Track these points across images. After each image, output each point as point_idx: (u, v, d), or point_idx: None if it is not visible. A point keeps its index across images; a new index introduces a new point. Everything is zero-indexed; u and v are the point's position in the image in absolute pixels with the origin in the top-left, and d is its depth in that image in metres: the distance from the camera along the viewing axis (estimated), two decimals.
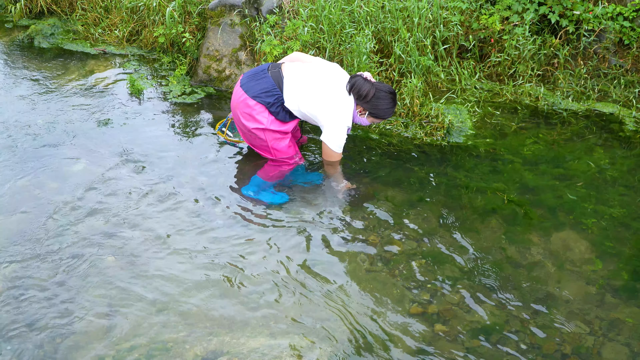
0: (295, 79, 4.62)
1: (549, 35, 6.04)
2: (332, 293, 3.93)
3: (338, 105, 4.58)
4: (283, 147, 4.82)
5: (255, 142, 4.84)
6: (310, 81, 4.62)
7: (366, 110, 4.65)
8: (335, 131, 4.62)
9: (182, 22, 6.57)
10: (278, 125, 4.70)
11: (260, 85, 4.64)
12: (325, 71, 4.69)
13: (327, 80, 4.63)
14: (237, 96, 4.72)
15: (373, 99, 4.58)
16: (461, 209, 4.60)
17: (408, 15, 5.94)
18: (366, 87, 4.54)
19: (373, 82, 4.60)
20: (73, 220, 4.42)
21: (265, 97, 4.61)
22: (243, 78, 4.75)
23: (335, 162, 4.80)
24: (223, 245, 4.28)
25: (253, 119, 4.67)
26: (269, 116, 4.65)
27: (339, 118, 4.58)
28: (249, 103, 4.64)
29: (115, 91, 6.12)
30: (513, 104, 5.79)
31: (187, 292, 3.91)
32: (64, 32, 7.20)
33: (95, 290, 3.91)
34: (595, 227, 4.42)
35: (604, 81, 5.94)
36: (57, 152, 5.14)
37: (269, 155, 4.88)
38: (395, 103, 4.67)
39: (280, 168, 4.90)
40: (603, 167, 5.02)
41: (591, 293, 3.94)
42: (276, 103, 4.61)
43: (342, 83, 4.64)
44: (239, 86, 4.73)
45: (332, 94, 4.59)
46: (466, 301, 3.88)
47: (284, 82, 4.62)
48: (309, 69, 4.70)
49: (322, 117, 4.61)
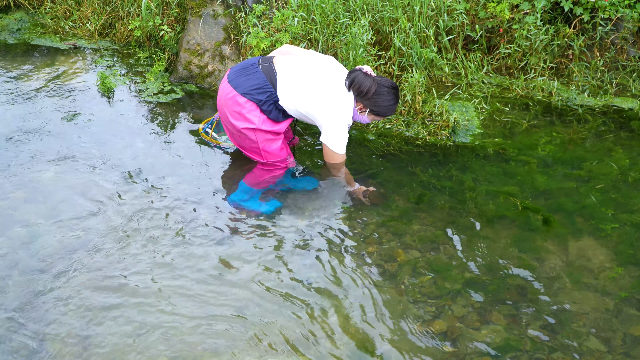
0: (290, 75, 4.58)
1: (562, 24, 6.03)
2: (329, 309, 3.89)
3: (338, 103, 4.54)
4: (275, 149, 4.77)
5: (244, 144, 4.80)
6: (306, 77, 4.58)
7: (367, 108, 4.61)
8: (336, 131, 4.58)
9: (159, 14, 6.54)
10: (270, 125, 4.66)
11: (251, 81, 4.59)
12: (321, 65, 4.66)
13: (324, 76, 4.59)
14: (225, 93, 4.67)
15: (374, 95, 4.54)
16: (468, 215, 4.57)
17: (408, 3, 5.92)
18: (367, 83, 4.49)
19: (374, 76, 4.56)
20: (42, 232, 4.37)
21: (256, 94, 4.56)
22: (231, 73, 4.70)
23: (339, 165, 4.75)
24: (207, 259, 4.24)
25: (243, 117, 4.62)
26: (261, 115, 4.61)
27: (339, 117, 4.55)
28: (239, 100, 4.59)
29: (86, 89, 6.08)
30: (524, 99, 5.77)
31: (167, 309, 3.87)
32: (31, 27, 7.17)
33: (68, 309, 3.85)
34: (615, 234, 4.39)
35: (623, 74, 5.92)
36: (23, 157, 5.09)
37: (260, 158, 4.83)
38: (398, 99, 4.64)
39: (272, 172, 4.86)
40: (623, 168, 5.00)
41: (610, 307, 3.91)
42: (269, 101, 4.57)
43: (340, 78, 4.60)
44: (226, 82, 4.68)
45: (330, 91, 4.55)
46: (475, 316, 3.85)
47: (277, 78, 4.57)
48: (303, 63, 4.66)
49: (320, 117, 4.57)
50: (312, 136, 5.39)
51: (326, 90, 4.55)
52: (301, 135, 5.40)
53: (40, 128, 5.47)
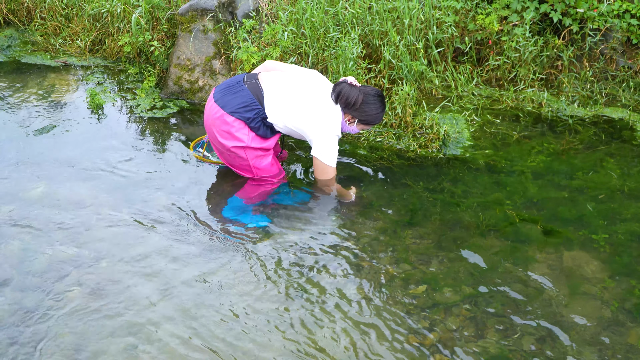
0: (277, 91, 4.59)
1: (551, 35, 6.06)
2: (322, 323, 3.87)
3: (326, 116, 4.56)
4: (265, 165, 4.78)
5: (234, 162, 4.80)
6: (293, 92, 4.59)
7: (355, 118, 4.63)
8: (326, 144, 4.59)
9: (149, 29, 6.54)
10: (259, 141, 4.66)
11: (238, 99, 4.60)
12: (307, 80, 4.67)
13: (310, 91, 4.61)
14: (212, 112, 4.67)
15: (362, 105, 4.56)
16: (461, 228, 4.57)
17: (398, 16, 5.94)
18: (354, 94, 4.52)
19: (359, 86, 4.59)
20: (35, 248, 4.35)
21: (244, 112, 4.57)
22: (216, 92, 4.70)
23: (331, 180, 4.75)
24: (200, 273, 4.22)
25: (232, 136, 4.63)
26: (250, 132, 4.61)
27: (329, 130, 4.56)
28: (227, 120, 4.60)
29: (77, 107, 6.08)
30: (514, 111, 5.79)
31: (161, 325, 3.85)
32: (21, 44, 7.16)
33: (60, 325, 3.83)
34: (609, 244, 4.40)
35: (612, 84, 5.95)
36: (14, 174, 5.08)
37: (250, 175, 4.84)
38: (384, 106, 4.67)
39: (263, 188, 4.86)
40: (615, 178, 5.01)
41: (605, 316, 3.91)
42: (256, 118, 4.58)
43: (326, 92, 4.62)
44: (213, 101, 4.68)
45: (318, 105, 4.57)
46: (469, 329, 3.84)
47: (264, 95, 4.59)
48: (288, 78, 4.67)
49: (310, 131, 4.58)
50: (304, 150, 5.40)
51: (314, 104, 4.57)
52: (293, 149, 5.41)
53: (28, 146, 5.45)
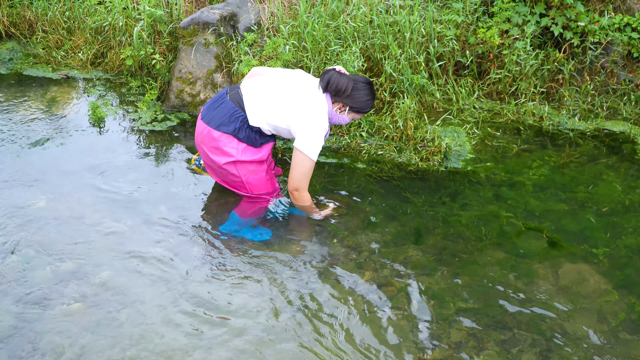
0: (255, 94, 4.56)
1: (552, 49, 6.08)
2: (323, 337, 3.87)
3: (310, 107, 4.50)
4: (259, 181, 4.76)
5: (228, 180, 4.78)
6: (273, 91, 4.56)
7: (346, 106, 4.60)
8: (310, 134, 4.48)
9: (151, 43, 6.57)
10: (251, 154, 4.63)
11: (221, 112, 4.58)
12: (288, 77, 4.65)
13: (292, 85, 4.58)
14: (200, 130, 4.66)
15: (353, 91, 4.54)
16: (462, 241, 4.58)
17: (399, 30, 5.96)
18: (344, 80, 4.49)
19: (348, 74, 4.58)
20: (35, 261, 4.36)
21: (228, 123, 4.54)
22: (203, 110, 4.70)
23: (305, 176, 4.53)
24: (201, 287, 4.22)
25: (221, 152, 4.61)
26: (239, 144, 4.58)
27: (313, 119, 4.49)
28: (214, 135, 4.58)
29: (78, 119, 6.09)
30: (515, 124, 5.80)
31: (164, 337, 3.84)
32: (23, 57, 7.19)
33: (60, 339, 3.84)
34: (610, 258, 4.40)
35: (613, 97, 5.97)
36: (15, 187, 5.09)
37: (245, 192, 4.82)
38: (374, 93, 4.65)
39: (259, 205, 4.84)
40: (616, 191, 5.02)
41: (606, 330, 3.91)
42: (242, 126, 4.55)
43: (310, 84, 4.59)
44: (200, 119, 4.67)
45: (301, 97, 4.52)
46: (471, 344, 3.84)
47: (244, 101, 4.56)
48: (268, 79, 4.65)
49: (294, 123, 4.50)
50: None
51: (297, 97, 4.52)
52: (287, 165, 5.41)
53: (29, 158, 5.47)
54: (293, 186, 4.56)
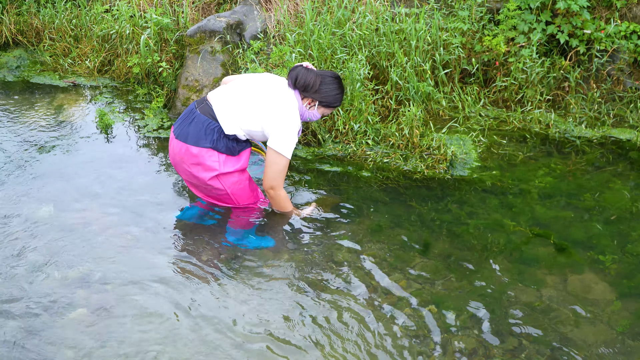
0: (225, 101, 4.55)
1: (558, 56, 6.08)
2: (329, 344, 3.87)
3: (281, 104, 4.51)
4: (243, 191, 4.73)
5: (212, 194, 4.74)
6: (241, 96, 4.56)
7: (315, 101, 4.61)
8: (282, 133, 4.47)
9: (158, 51, 6.60)
10: (232, 164, 4.59)
11: (196, 127, 4.53)
12: (254, 80, 4.67)
13: (259, 87, 4.59)
14: (177, 149, 4.60)
15: (321, 85, 4.57)
16: (468, 249, 4.57)
17: (405, 38, 5.97)
18: (311, 75, 4.52)
19: (315, 70, 4.61)
20: (42, 268, 4.37)
21: (206, 136, 4.50)
22: (175, 129, 4.63)
23: (280, 174, 4.55)
24: (207, 295, 4.22)
25: (204, 167, 4.56)
26: (219, 157, 4.53)
27: (286, 116, 4.49)
28: (193, 152, 4.52)
29: (85, 127, 6.11)
30: (521, 132, 5.80)
31: (168, 346, 3.85)
32: (31, 64, 7.23)
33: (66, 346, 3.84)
34: (617, 266, 4.39)
35: (620, 105, 5.96)
36: (21, 194, 5.11)
37: (232, 204, 4.79)
38: (343, 88, 4.68)
39: (248, 215, 4.85)
40: (623, 199, 5.01)
41: (612, 339, 3.89)
42: (220, 137, 4.51)
43: (278, 83, 4.61)
44: (174, 138, 4.61)
45: (270, 96, 4.53)
46: (477, 350, 3.83)
47: (215, 111, 4.53)
48: (234, 86, 4.65)
49: (267, 124, 4.49)
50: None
51: (265, 97, 4.53)
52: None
53: (37, 165, 5.49)
54: (268, 185, 4.59)
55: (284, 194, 4.67)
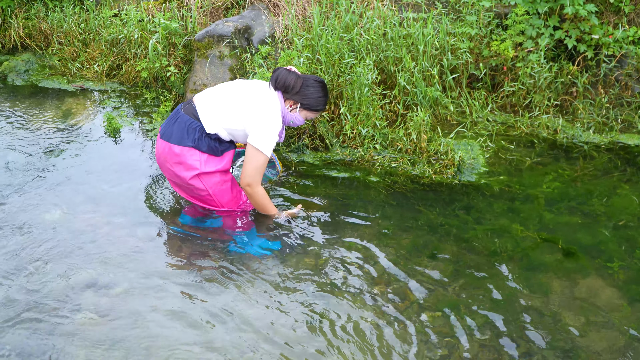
0: (208, 102, 4.61)
1: (566, 61, 6.08)
2: (337, 349, 3.87)
3: (262, 103, 4.55)
4: (226, 192, 4.75)
5: (194, 194, 4.76)
6: (225, 96, 4.61)
7: (297, 104, 4.64)
8: (262, 130, 4.50)
9: (166, 55, 6.61)
10: (214, 164, 4.62)
11: (179, 126, 4.59)
12: (237, 83, 4.72)
13: (242, 88, 4.64)
14: (161, 149, 4.66)
15: (302, 88, 4.60)
16: (476, 254, 4.57)
17: (412, 42, 5.98)
18: (292, 77, 4.56)
19: (298, 73, 4.64)
20: (50, 272, 4.38)
21: (188, 135, 4.55)
22: (161, 129, 4.71)
23: (257, 172, 4.57)
24: (214, 301, 4.23)
25: (185, 166, 4.60)
26: (201, 156, 4.58)
27: (266, 115, 4.52)
28: (175, 151, 4.57)
29: (94, 130, 6.13)
30: (529, 137, 5.79)
31: (176, 350, 3.85)
32: (39, 68, 7.25)
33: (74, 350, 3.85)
34: (624, 271, 4.38)
35: (628, 110, 5.95)
36: (30, 197, 5.12)
37: (215, 206, 4.81)
38: (327, 92, 4.70)
39: (233, 217, 4.86)
40: (631, 205, 5.00)
41: (620, 345, 3.89)
42: (202, 136, 4.56)
43: (261, 85, 4.66)
44: (159, 138, 4.68)
45: (252, 97, 4.57)
46: (485, 356, 3.82)
47: (198, 111, 4.59)
48: (218, 87, 4.71)
49: (247, 122, 4.53)
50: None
51: (248, 97, 4.57)
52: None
53: (45, 169, 5.51)
54: (245, 181, 4.59)
55: (262, 191, 4.67)
